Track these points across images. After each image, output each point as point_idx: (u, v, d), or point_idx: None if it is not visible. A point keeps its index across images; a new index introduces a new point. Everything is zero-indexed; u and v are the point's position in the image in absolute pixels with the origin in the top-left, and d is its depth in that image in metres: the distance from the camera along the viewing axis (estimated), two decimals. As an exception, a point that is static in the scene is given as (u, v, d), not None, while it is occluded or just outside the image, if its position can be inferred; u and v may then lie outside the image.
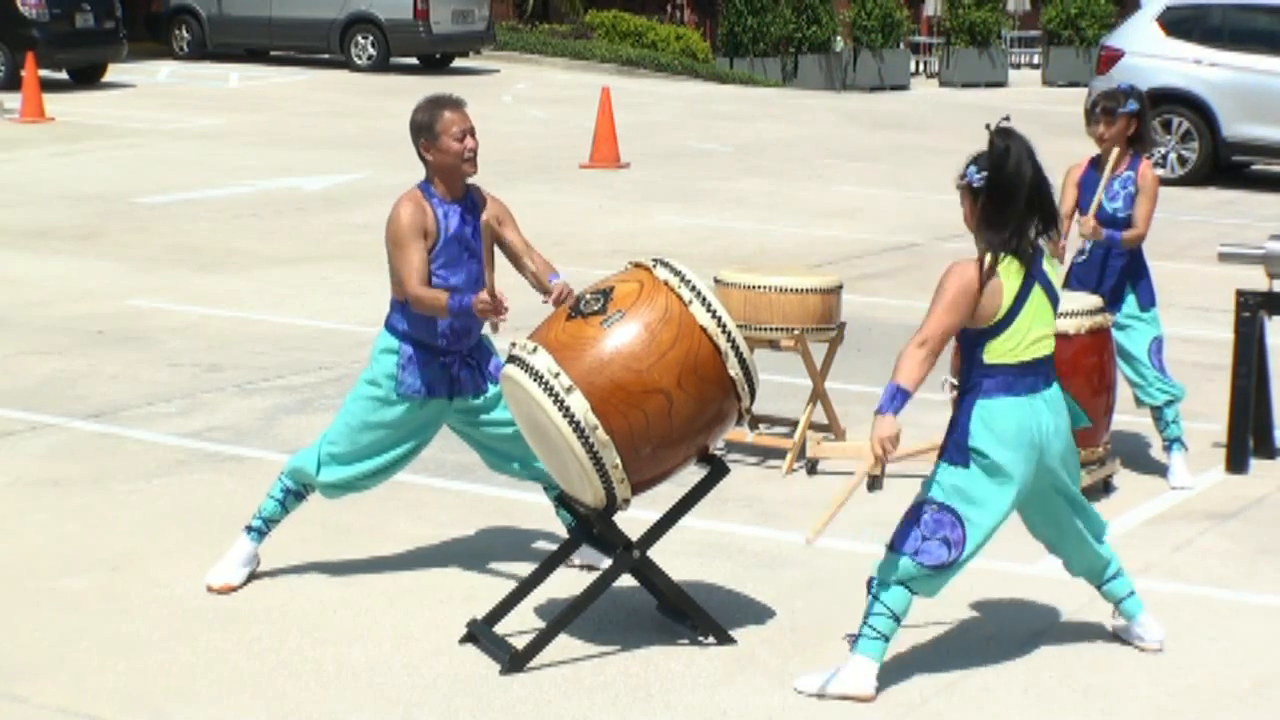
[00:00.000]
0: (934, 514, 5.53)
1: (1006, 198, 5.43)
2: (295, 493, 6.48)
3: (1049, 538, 5.89)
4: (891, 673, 5.69)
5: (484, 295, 5.95)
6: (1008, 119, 5.61)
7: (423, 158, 6.22)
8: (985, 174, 5.45)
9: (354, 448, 6.35)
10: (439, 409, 6.35)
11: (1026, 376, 5.53)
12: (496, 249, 6.29)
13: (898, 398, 5.37)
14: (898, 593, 5.54)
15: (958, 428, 5.55)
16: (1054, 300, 5.62)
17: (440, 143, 6.16)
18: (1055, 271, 5.66)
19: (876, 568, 5.59)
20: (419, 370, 6.25)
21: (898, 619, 5.55)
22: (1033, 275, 5.52)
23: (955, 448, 5.55)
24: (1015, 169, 5.42)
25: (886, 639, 5.55)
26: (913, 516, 5.57)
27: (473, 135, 6.21)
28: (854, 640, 5.59)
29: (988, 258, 5.44)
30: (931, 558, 5.52)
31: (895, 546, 5.56)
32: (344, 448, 6.36)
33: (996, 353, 5.50)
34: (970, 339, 5.54)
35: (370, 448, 6.35)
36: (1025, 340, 5.51)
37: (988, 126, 5.56)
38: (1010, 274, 5.48)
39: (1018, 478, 5.53)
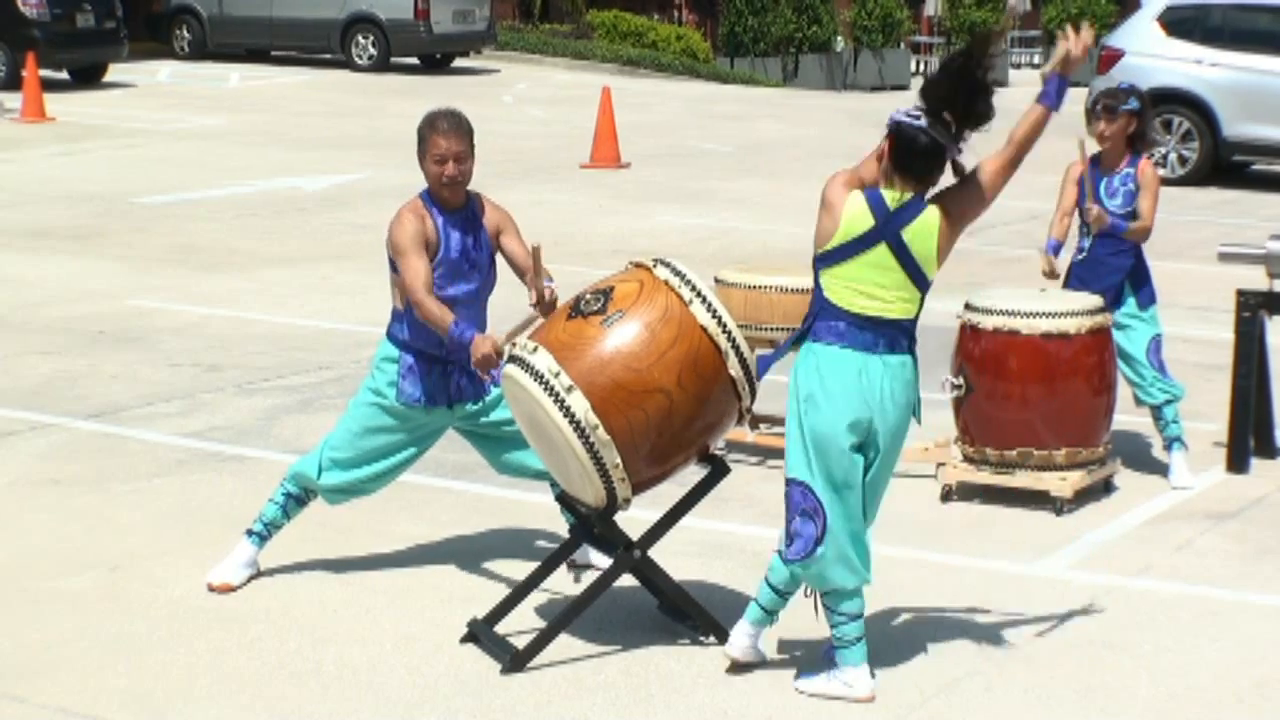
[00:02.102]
0: (790, 490, 5.50)
1: (914, 155, 5.40)
2: (297, 498, 6.48)
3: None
4: (891, 673, 5.69)
5: (489, 352, 5.90)
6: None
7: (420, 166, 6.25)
8: (900, 122, 5.44)
9: (356, 453, 6.36)
10: (441, 416, 6.36)
11: (865, 332, 5.43)
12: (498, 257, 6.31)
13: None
14: (846, 601, 5.51)
15: (777, 351, 5.53)
16: (910, 270, 5.41)
17: (424, 162, 6.17)
18: (921, 243, 5.42)
19: (781, 582, 5.60)
20: (419, 379, 6.26)
21: (857, 617, 5.54)
22: (878, 232, 5.40)
23: (791, 401, 5.48)
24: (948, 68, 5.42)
25: (859, 639, 5.54)
26: (785, 499, 5.53)
27: (457, 161, 6.13)
28: (832, 653, 5.59)
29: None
30: (799, 546, 5.45)
31: (780, 550, 5.58)
32: (346, 453, 6.36)
33: (831, 290, 5.44)
34: (813, 266, 5.52)
35: (372, 453, 6.36)
36: (864, 289, 5.42)
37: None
38: (856, 213, 5.40)
39: (852, 429, 5.40)
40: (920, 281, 5.48)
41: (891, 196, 5.43)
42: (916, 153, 5.40)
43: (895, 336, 5.48)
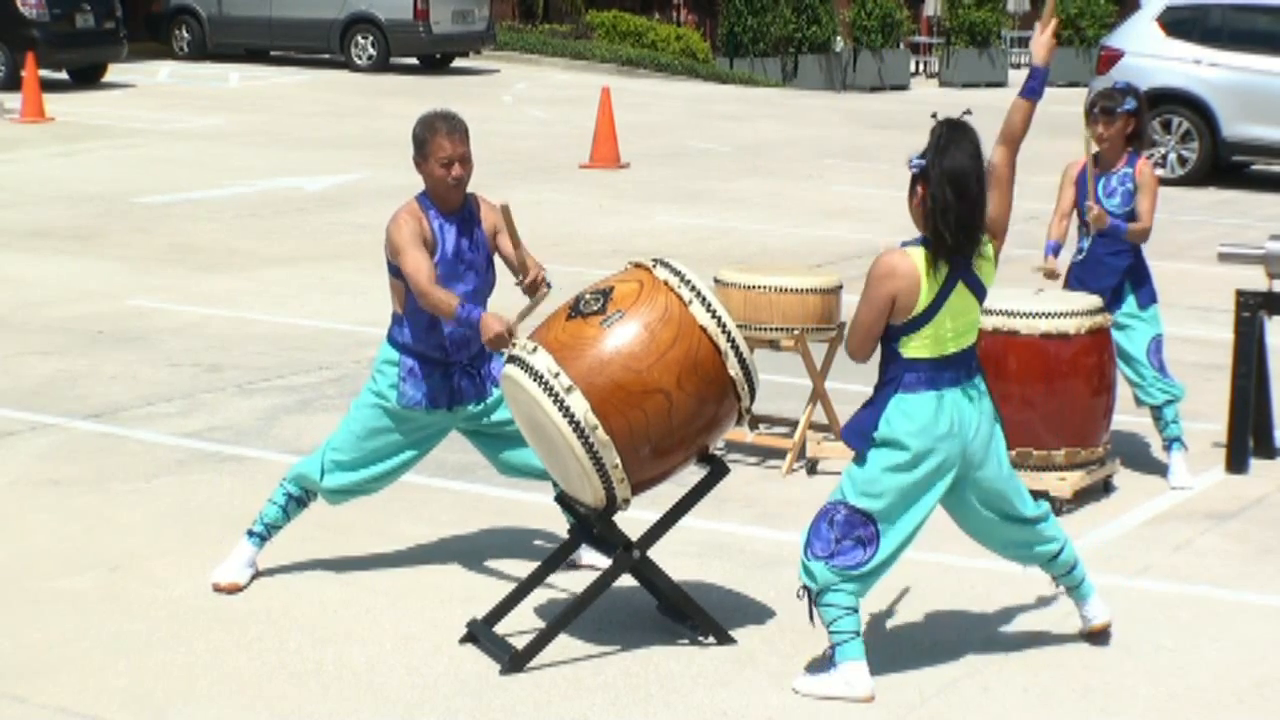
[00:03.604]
0: (844, 514, 5.50)
1: (940, 189, 5.37)
2: (297, 499, 6.49)
3: (995, 539, 5.81)
4: (891, 673, 5.69)
5: (500, 331, 5.89)
6: (968, 113, 5.59)
7: (418, 169, 6.24)
8: (921, 161, 5.43)
9: (358, 454, 6.37)
10: (442, 418, 6.37)
11: (946, 371, 5.47)
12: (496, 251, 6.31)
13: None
14: (835, 594, 5.51)
15: (869, 414, 5.49)
16: (979, 295, 5.52)
17: (428, 164, 6.16)
18: (987, 268, 5.53)
19: (800, 576, 5.57)
20: (420, 382, 6.26)
21: (854, 610, 5.53)
22: (956, 272, 5.44)
23: (857, 435, 5.49)
24: (950, 162, 5.36)
25: (856, 634, 5.53)
26: (824, 516, 5.53)
27: (462, 163, 6.15)
28: (830, 650, 5.58)
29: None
30: (848, 559, 5.48)
31: (809, 551, 5.53)
32: (348, 455, 6.37)
33: (914, 349, 5.45)
34: (890, 332, 5.48)
35: (374, 454, 6.37)
36: (948, 335, 5.45)
37: (934, 115, 5.54)
38: (930, 269, 5.42)
39: (940, 469, 5.47)
40: (984, 299, 5.58)
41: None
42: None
43: (971, 360, 5.56)
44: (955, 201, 5.36)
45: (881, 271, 5.43)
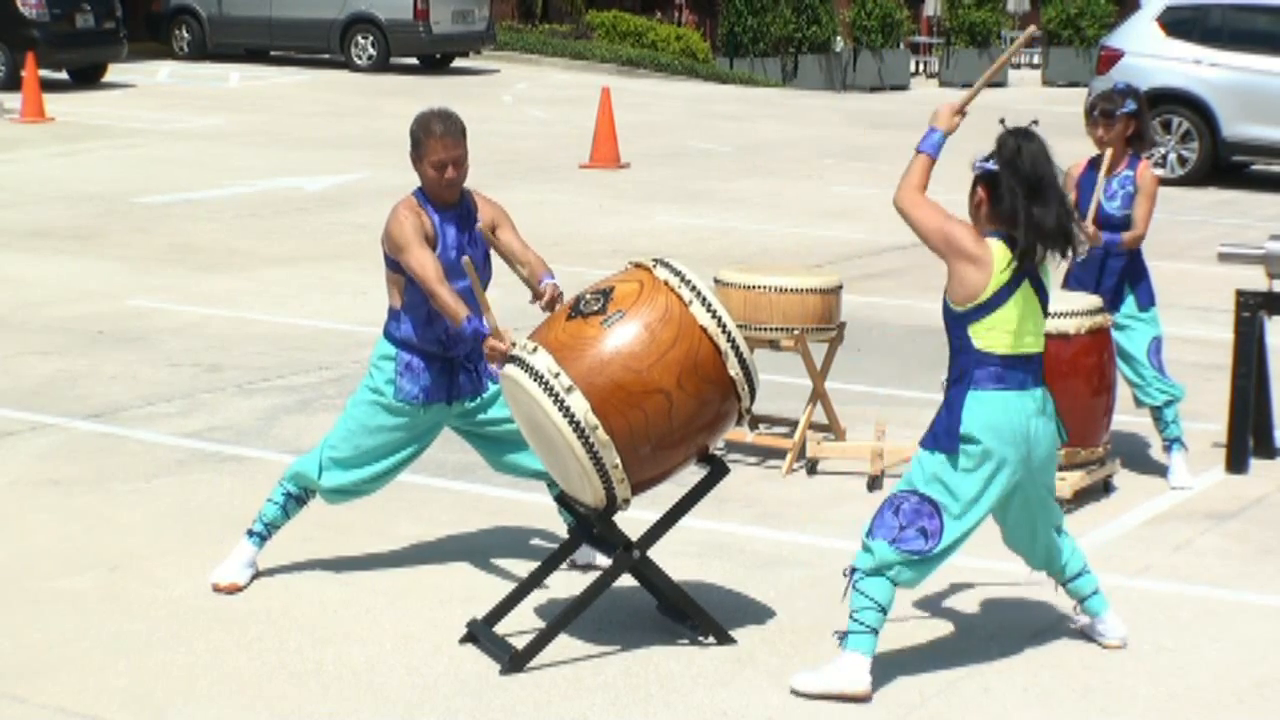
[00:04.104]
0: (913, 503, 5.53)
1: (1014, 193, 5.43)
2: (296, 498, 6.48)
3: (1022, 539, 5.86)
4: (891, 673, 5.69)
5: (497, 344, 5.90)
6: (1035, 123, 5.62)
7: (413, 167, 6.25)
8: (986, 165, 5.48)
9: (355, 452, 6.36)
10: (439, 414, 6.36)
11: (1016, 371, 5.52)
12: (493, 254, 6.31)
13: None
14: (879, 583, 5.52)
15: (949, 414, 5.53)
16: (1044, 300, 5.61)
17: (421, 165, 6.17)
18: (1048, 275, 5.64)
19: (857, 557, 5.59)
20: (416, 376, 6.26)
21: (884, 610, 5.54)
22: (1024, 271, 5.50)
23: (945, 434, 5.53)
24: (1026, 168, 5.44)
25: (875, 631, 5.53)
26: (890, 504, 5.57)
27: (456, 165, 6.14)
28: (842, 637, 5.58)
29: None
30: (909, 545, 5.51)
31: (872, 533, 5.56)
32: (345, 452, 6.37)
33: (985, 339, 5.48)
34: (954, 320, 5.52)
35: (371, 452, 6.36)
36: (1014, 331, 5.50)
37: (1001, 122, 5.58)
38: (1001, 260, 5.46)
39: (1005, 471, 5.53)
40: (1047, 302, 5.62)
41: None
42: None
43: (1039, 368, 5.60)
44: (1032, 206, 5.43)
45: (962, 230, 5.47)
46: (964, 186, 5.63)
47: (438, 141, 6.11)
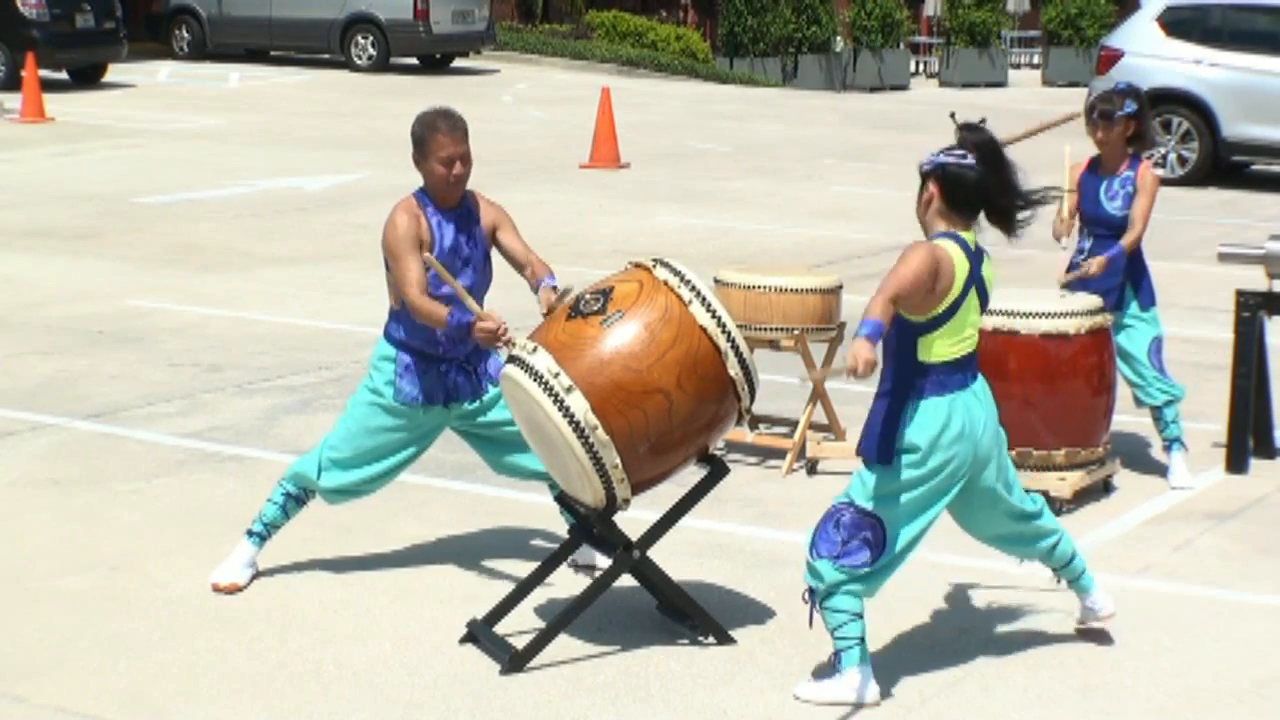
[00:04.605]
0: (852, 515, 5.47)
1: (968, 190, 5.40)
2: (296, 498, 6.48)
3: (996, 533, 5.81)
4: (891, 673, 5.69)
5: (485, 324, 5.91)
6: (984, 120, 5.59)
7: (416, 167, 6.24)
8: (935, 159, 5.43)
9: (355, 453, 6.36)
10: (438, 415, 6.36)
11: (957, 373, 5.46)
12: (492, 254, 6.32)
13: (872, 325, 5.21)
14: (841, 597, 5.49)
15: (888, 425, 5.44)
16: (984, 299, 5.53)
17: (428, 163, 6.16)
18: (990, 272, 5.55)
19: (806, 578, 5.55)
20: (416, 378, 6.26)
21: (859, 615, 5.51)
22: (973, 273, 5.45)
23: (881, 447, 5.44)
24: (980, 140, 5.42)
25: (861, 639, 5.52)
26: (830, 517, 5.51)
27: (463, 161, 6.15)
28: (835, 657, 5.57)
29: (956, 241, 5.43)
30: (855, 559, 5.45)
31: (816, 550, 5.50)
32: (345, 453, 6.37)
33: (931, 349, 5.41)
34: (906, 333, 5.42)
35: (371, 453, 6.36)
36: (960, 338, 5.45)
37: (952, 115, 5.55)
38: (961, 265, 5.40)
39: (948, 476, 5.46)
40: (987, 305, 5.58)
41: (969, 237, 5.46)
42: (970, 187, 5.42)
43: (975, 361, 5.55)
44: (993, 174, 5.41)
45: (924, 247, 5.36)
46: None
47: (445, 137, 6.12)
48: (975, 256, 5.46)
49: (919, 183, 5.51)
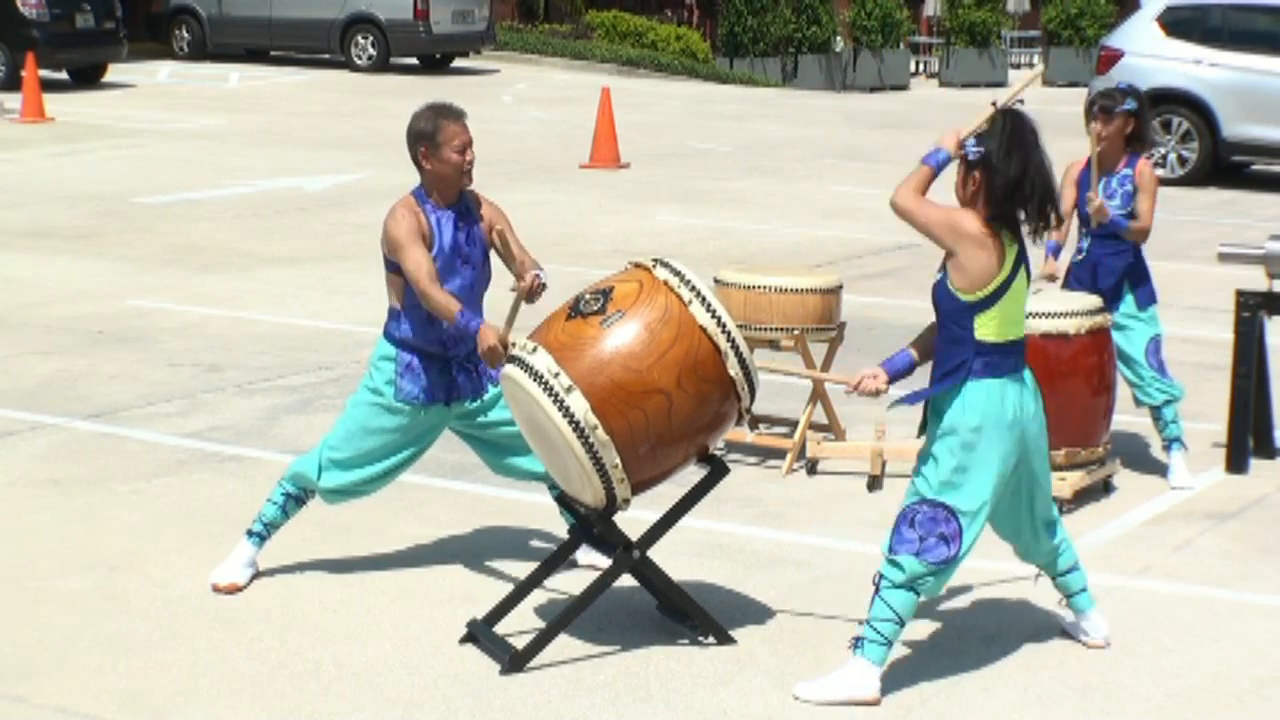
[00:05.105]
0: (926, 512, 5.51)
1: (1010, 174, 5.42)
2: (296, 498, 6.48)
3: (1011, 525, 5.83)
4: (892, 673, 5.68)
5: (495, 344, 5.91)
6: (1022, 102, 5.62)
7: (419, 164, 6.21)
8: (981, 149, 5.45)
9: (355, 453, 6.36)
10: (438, 414, 6.36)
11: (1010, 357, 5.50)
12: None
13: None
14: (903, 595, 5.51)
15: (945, 412, 5.50)
16: (1029, 283, 5.62)
17: (441, 153, 6.16)
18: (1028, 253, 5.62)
19: (884, 569, 5.56)
20: (417, 377, 6.26)
21: (902, 623, 5.54)
22: (1022, 257, 5.51)
23: (943, 434, 5.49)
24: (1020, 148, 5.45)
25: (890, 643, 5.53)
26: (905, 518, 5.55)
27: (471, 148, 6.21)
28: (856, 642, 5.57)
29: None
30: (934, 555, 5.50)
31: (894, 550, 5.53)
32: (345, 453, 6.36)
33: (988, 329, 5.45)
34: (960, 312, 5.46)
35: (371, 453, 6.36)
36: (1013, 319, 5.49)
37: (993, 104, 5.57)
38: (1009, 247, 5.47)
39: (1003, 460, 5.51)
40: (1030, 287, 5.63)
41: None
42: (1014, 180, 5.45)
43: (1024, 349, 5.59)
44: (1032, 180, 5.44)
45: (968, 220, 5.43)
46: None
47: (454, 124, 6.17)
48: (1020, 240, 5.51)
49: (961, 169, 5.52)
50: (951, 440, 5.49)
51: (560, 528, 6.76)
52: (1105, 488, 7.84)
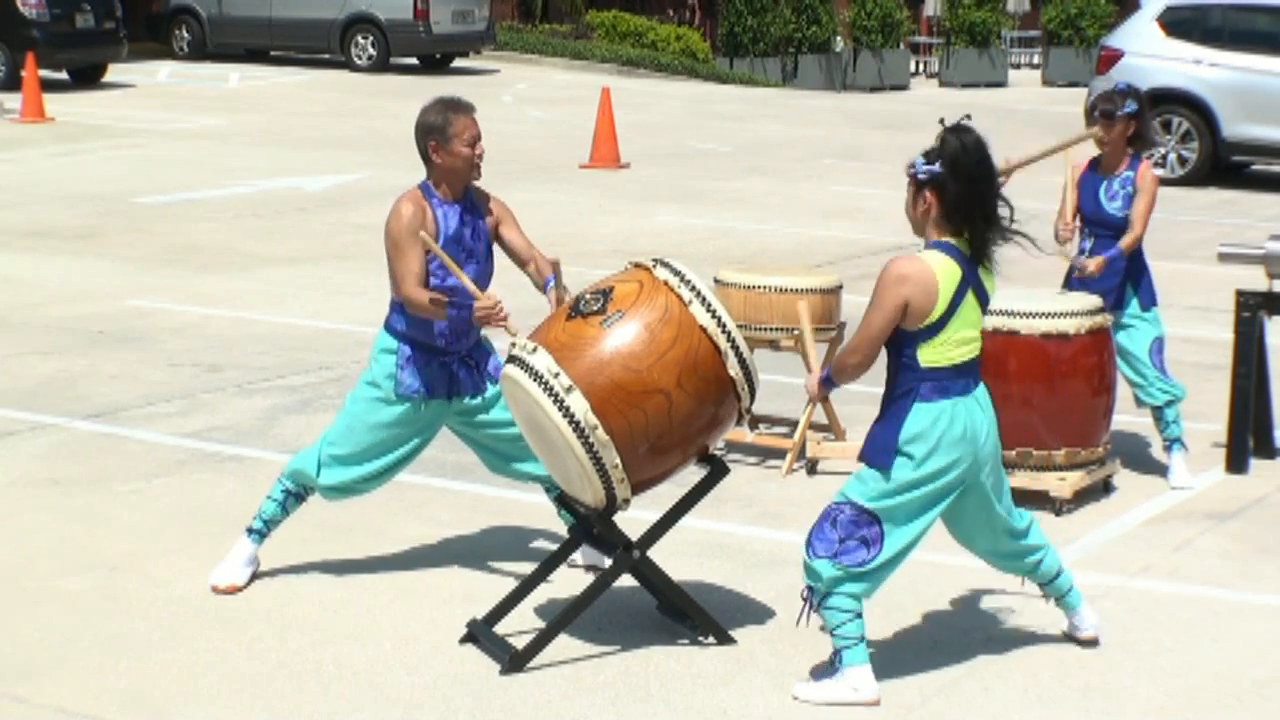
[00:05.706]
0: (849, 514, 5.48)
1: (957, 195, 5.38)
2: (295, 494, 6.48)
3: (982, 542, 5.81)
4: (891, 673, 5.69)
5: (482, 303, 5.94)
6: (968, 117, 5.58)
7: (428, 158, 6.21)
8: (933, 168, 5.41)
9: (355, 449, 6.35)
10: (439, 409, 6.35)
11: (959, 379, 5.47)
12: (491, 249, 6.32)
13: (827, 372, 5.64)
14: (839, 597, 5.50)
15: (886, 428, 5.47)
16: (984, 302, 5.54)
17: (451, 146, 6.16)
18: (989, 279, 5.55)
19: (804, 577, 5.56)
20: (418, 370, 6.26)
21: (859, 614, 5.52)
22: (967, 280, 5.45)
23: (883, 450, 5.46)
24: (966, 167, 5.38)
25: (861, 638, 5.52)
26: (828, 515, 5.52)
27: (481, 142, 6.23)
28: (834, 656, 5.57)
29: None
30: (851, 558, 5.46)
31: (812, 549, 5.51)
32: (345, 449, 6.36)
33: (930, 356, 5.42)
34: (904, 342, 5.45)
35: (371, 449, 6.35)
36: (960, 343, 5.45)
37: (941, 121, 5.55)
38: (946, 278, 5.41)
39: (953, 474, 5.47)
40: (987, 307, 5.58)
41: (961, 243, 5.45)
42: (966, 198, 5.41)
43: (977, 367, 5.56)
44: (980, 198, 5.39)
45: (892, 277, 5.39)
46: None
47: (464, 118, 6.20)
48: (969, 261, 5.45)
49: (911, 188, 5.50)
50: (898, 458, 5.44)
51: (560, 528, 6.76)
52: (1105, 488, 7.84)
